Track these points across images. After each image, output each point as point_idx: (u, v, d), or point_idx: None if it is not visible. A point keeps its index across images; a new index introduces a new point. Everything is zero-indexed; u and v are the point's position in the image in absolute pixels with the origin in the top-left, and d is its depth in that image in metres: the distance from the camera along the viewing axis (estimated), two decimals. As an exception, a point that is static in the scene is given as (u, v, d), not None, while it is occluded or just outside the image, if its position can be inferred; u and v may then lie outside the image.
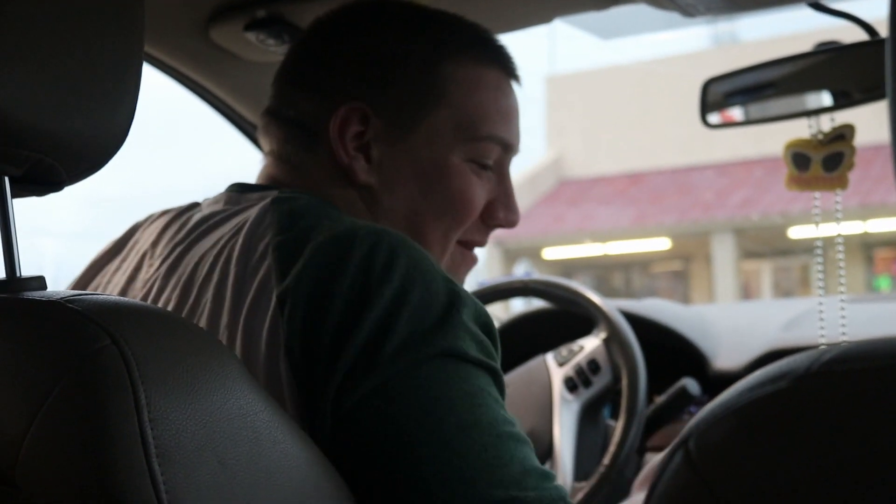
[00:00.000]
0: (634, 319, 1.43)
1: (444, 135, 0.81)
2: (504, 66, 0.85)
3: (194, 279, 0.73)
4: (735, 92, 1.21)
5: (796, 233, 11.15)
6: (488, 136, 0.82)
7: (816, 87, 1.18)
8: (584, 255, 13.11)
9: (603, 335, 1.34)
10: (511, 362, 1.53)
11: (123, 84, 0.58)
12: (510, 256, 12.20)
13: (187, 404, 0.49)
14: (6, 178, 0.55)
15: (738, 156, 11.44)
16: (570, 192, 12.47)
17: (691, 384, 1.33)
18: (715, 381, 1.47)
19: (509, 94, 0.85)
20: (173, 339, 0.53)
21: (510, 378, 1.42)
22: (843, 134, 1.11)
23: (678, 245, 12.20)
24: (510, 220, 0.87)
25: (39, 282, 0.58)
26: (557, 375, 1.34)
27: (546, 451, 1.27)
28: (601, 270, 13.61)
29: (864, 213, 10.24)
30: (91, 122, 0.56)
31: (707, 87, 1.19)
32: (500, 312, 1.80)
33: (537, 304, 1.64)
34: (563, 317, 1.47)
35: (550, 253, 12.65)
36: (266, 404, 0.57)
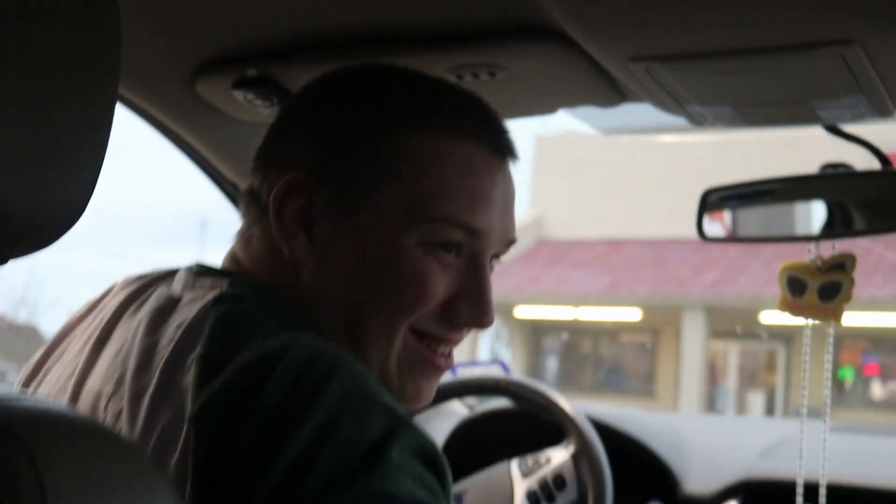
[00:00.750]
0: (605, 429, 1.42)
1: (394, 214, 0.75)
2: (486, 143, 0.78)
3: (123, 379, 0.69)
4: (734, 203, 1.19)
5: (767, 317, 11.36)
6: (443, 216, 0.74)
7: (819, 209, 1.15)
8: (555, 318, 13.53)
9: (572, 449, 1.34)
10: (473, 460, 1.51)
11: (86, 147, 0.51)
12: (480, 312, 12.49)
13: None
14: None
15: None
16: (547, 253, 12.96)
17: None
18: None
19: (482, 173, 0.77)
20: (101, 465, 0.49)
21: (471, 482, 1.40)
22: (844, 263, 1.08)
23: (649, 317, 12.59)
24: (478, 320, 0.79)
25: None
26: (520, 488, 1.33)
27: None
28: (571, 334, 14.07)
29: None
30: (40, 194, 0.49)
31: (706, 196, 1.16)
32: (473, 401, 1.86)
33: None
34: (527, 423, 1.45)
35: (522, 312, 13.05)
36: None
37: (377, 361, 0.77)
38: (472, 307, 0.78)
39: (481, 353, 11.51)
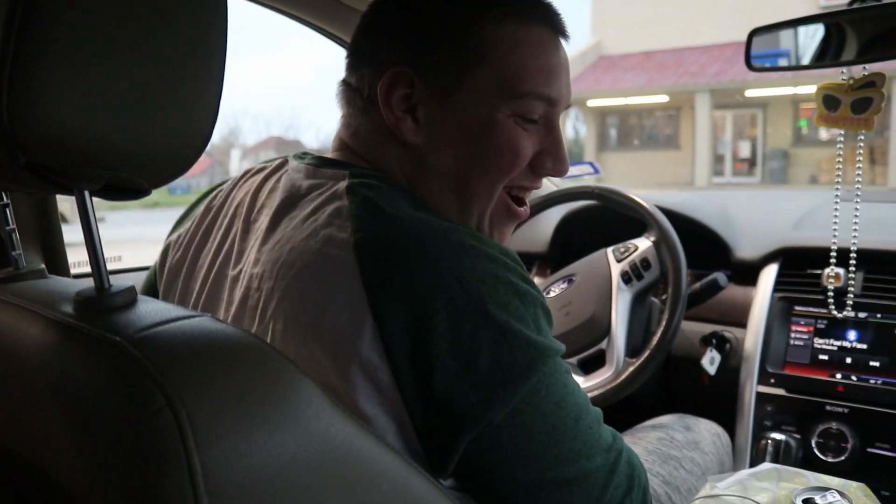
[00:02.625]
0: (673, 215, 1.56)
1: (486, 93, 0.79)
2: (548, 24, 0.83)
3: (272, 271, 0.72)
4: (776, 38, 1.26)
5: (750, 93, 16.58)
6: (529, 93, 0.80)
7: (851, 37, 1.18)
8: (612, 105, 18.66)
9: (653, 238, 1.46)
10: (573, 243, 1.78)
11: (203, 83, 0.52)
12: (566, 104, 18.36)
13: (250, 464, 0.46)
14: (86, 193, 0.52)
15: (716, 40, 16.26)
16: (605, 64, 18.23)
17: (721, 277, 1.47)
18: (736, 268, 1.62)
19: (552, 51, 0.82)
20: (238, 387, 0.48)
21: (578, 265, 1.58)
22: (874, 81, 1.15)
23: (673, 99, 17.64)
24: (558, 170, 0.85)
25: (129, 294, 0.54)
26: (616, 269, 1.47)
27: (605, 330, 1.41)
28: (623, 115, 19.16)
29: (796, 81, 15.69)
30: (167, 129, 0.51)
31: (752, 35, 1.25)
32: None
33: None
34: (615, 213, 1.55)
35: (592, 102, 18.39)
36: (353, 433, 0.54)
37: (477, 216, 0.84)
38: (553, 160, 0.85)
39: (569, 129, 17.35)
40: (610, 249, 1.53)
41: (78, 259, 0.95)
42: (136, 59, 0.49)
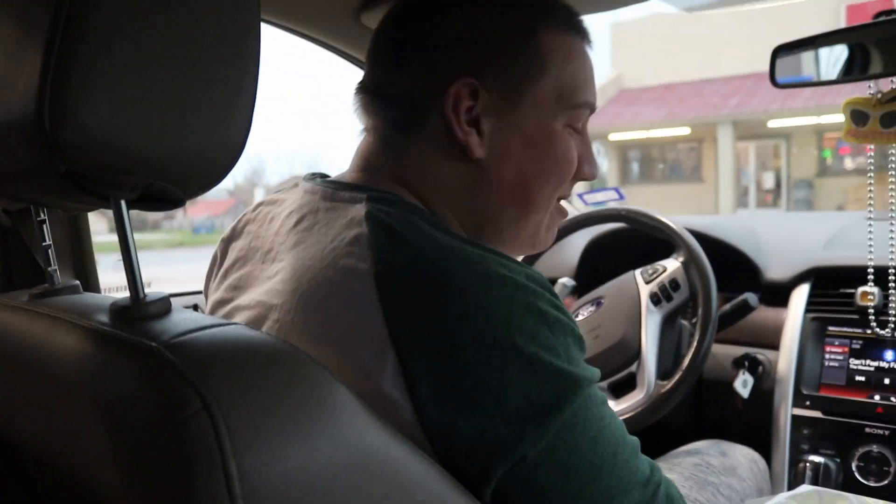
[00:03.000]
0: (701, 237, 1.54)
1: (548, 104, 0.79)
2: (583, 33, 0.84)
3: (297, 294, 0.70)
4: (801, 54, 1.26)
5: (773, 124, 16.86)
6: (584, 102, 0.81)
7: (877, 51, 1.18)
8: (634, 138, 19.02)
9: (682, 258, 1.45)
10: (601, 267, 1.74)
11: (238, 93, 0.53)
12: (587, 139, 18.51)
13: (286, 468, 0.46)
14: (122, 202, 0.52)
15: (737, 72, 16.67)
16: (626, 97, 18.66)
17: (752, 298, 1.47)
18: (767, 289, 1.60)
19: (589, 59, 0.84)
20: (274, 391, 0.48)
21: (607, 288, 1.57)
22: None
23: (695, 131, 18.02)
24: (593, 174, 0.86)
25: (164, 304, 0.54)
26: (644, 291, 1.46)
27: (635, 353, 1.39)
28: (644, 148, 19.60)
29: (819, 110, 15.76)
30: (202, 139, 0.51)
31: (777, 51, 1.25)
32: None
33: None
34: (643, 235, 1.55)
35: (613, 136, 18.89)
36: (388, 441, 0.53)
37: (533, 225, 0.84)
38: (589, 165, 0.86)
39: None
40: (638, 271, 1.52)
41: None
42: (174, 68, 0.49)
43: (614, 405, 1.39)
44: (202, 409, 0.45)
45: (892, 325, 1.39)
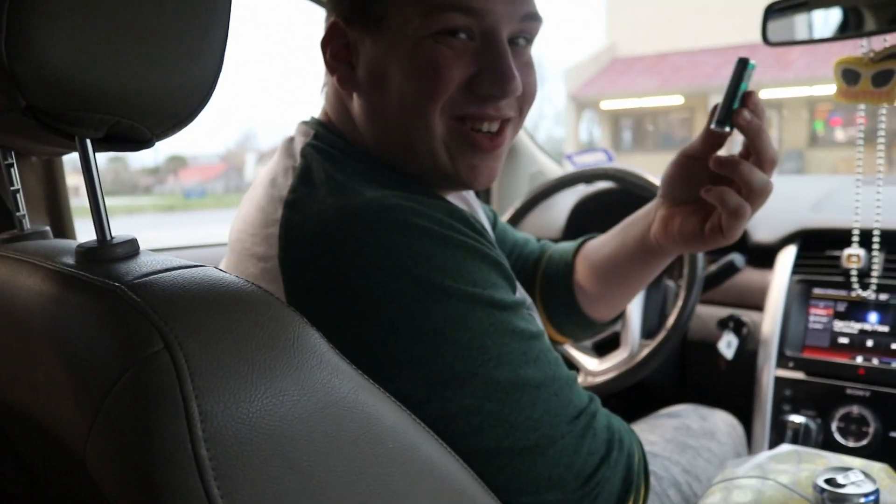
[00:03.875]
0: None
1: (402, 19, 0.76)
2: None
3: (245, 218, 0.80)
4: (792, 12, 1.23)
5: (765, 94, 16.67)
6: (439, 5, 0.75)
7: (871, 11, 1.16)
8: (626, 107, 19.31)
9: None
10: (588, 227, 1.54)
11: (208, 31, 0.51)
12: (579, 107, 18.53)
13: (250, 411, 0.45)
14: (88, 141, 0.51)
15: (730, 42, 16.74)
16: (619, 66, 18.94)
17: (738, 258, 1.45)
18: (753, 251, 1.57)
19: None
20: (239, 333, 0.46)
21: None
22: (895, 53, 1.11)
23: (687, 101, 18.30)
24: (501, 89, 0.77)
25: (131, 246, 0.53)
26: None
27: (619, 313, 1.29)
28: (637, 117, 19.85)
29: (811, 81, 15.82)
30: (170, 77, 0.50)
31: (769, 10, 1.23)
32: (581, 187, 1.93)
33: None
34: (630, 195, 1.48)
35: (606, 105, 19.22)
36: (358, 386, 0.52)
37: (425, 150, 0.80)
38: (492, 78, 0.77)
39: (582, 132, 17.60)
40: None
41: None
42: (140, 2, 0.47)
43: (598, 364, 1.39)
44: (164, 349, 0.44)
45: (875, 287, 1.39)
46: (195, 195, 22.31)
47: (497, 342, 0.68)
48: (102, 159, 0.53)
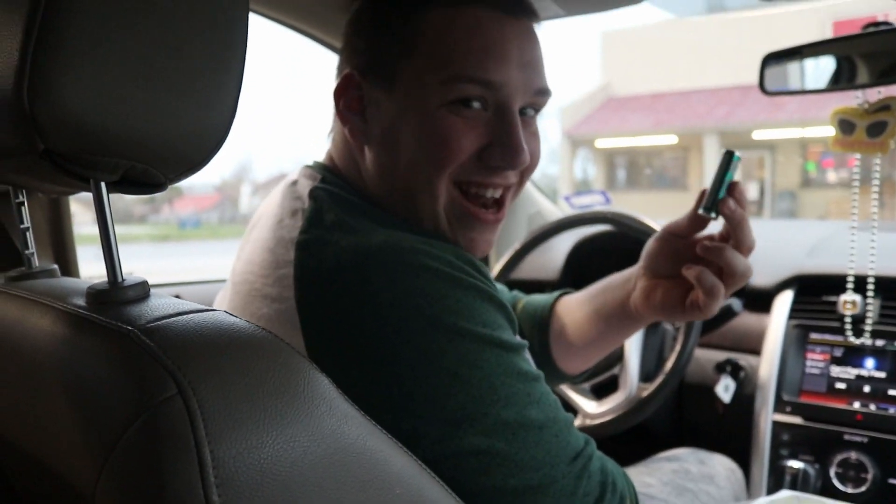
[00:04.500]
0: None
1: (418, 84, 0.77)
2: (492, 4, 0.78)
3: (252, 260, 0.80)
4: (790, 63, 1.26)
5: (757, 135, 17.26)
6: (457, 75, 0.75)
7: (865, 62, 1.18)
8: (621, 146, 19.43)
9: None
10: (586, 270, 1.69)
11: (223, 78, 0.52)
12: (574, 145, 18.68)
13: (262, 458, 0.45)
14: (102, 184, 0.51)
15: (724, 83, 17.05)
16: (613, 105, 19.03)
17: (735, 303, 1.47)
18: (750, 295, 1.58)
19: (490, 30, 0.77)
20: (251, 379, 0.47)
21: None
22: (889, 105, 1.15)
23: (682, 140, 18.45)
24: (510, 161, 0.79)
25: (142, 288, 0.54)
26: None
27: (618, 355, 1.39)
28: (631, 155, 19.98)
29: (804, 122, 15.93)
30: (185, 123, 0.51)
31: (766, 60, 1.26)
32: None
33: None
34: (627, 239, 1.49)
35: (600, 143, 19.30)
36: (366, 432, 0.52)
37: (429, 213, 0.81)
38: (502, 150, 0.78)
39: (577, 170, 17.65)
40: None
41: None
42: (157, 49, 0.48)
43: (596, 406, 1.39)
44: (177, 395, 0.44)
45: (870, 333, 1.40)
46: (190, 225, 22.28)
47: (505, 383, 0.69)
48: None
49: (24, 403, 0.56)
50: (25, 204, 0.70)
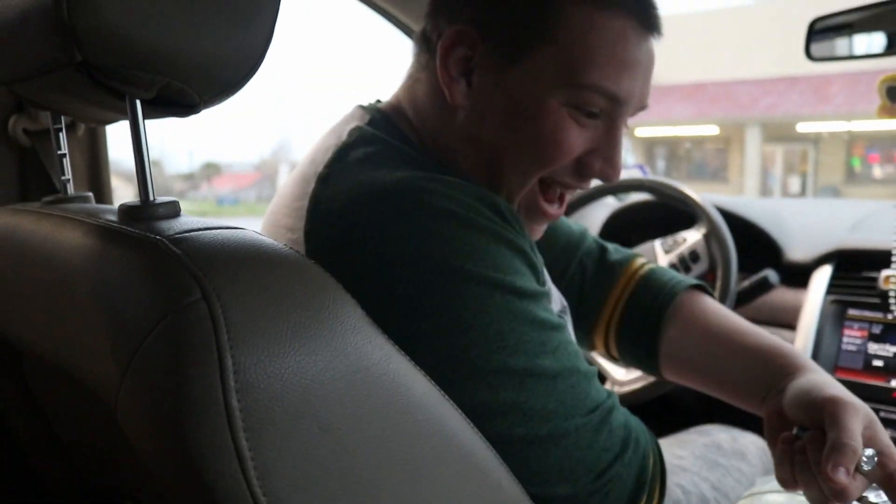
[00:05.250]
0: (724, 214, 1.50)
1: (545, 74, 0.74)
2: (636, 16, 0.75)
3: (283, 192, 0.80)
4: (837, 28, 1.23)
5: (802, 128, 16.94)
6: (591, 85, 0.74)
7: None
8: (662, 135, 19.17)
9: (703, 230, 1.42)
10: (620, 241, 1.56)
11: (260, 1, 0.52)
12: (614, 134, 18.43)
13: (283, 367, 0.45)
14: (137, 101, 0.52)
15: (768, 74, 16.69)
16: (656, 94, 18.19)
17: (772, 275, 1.45)
18: (788, 270, 1.56)
19: (632, 45, 0.75)
20: (276, 290, 0.47)
21: None
22: None
23: (723, 131, 18.17)
24: (607, 174, 0.79)
25: (172, 207, 0.54)
26: (663, 261, 1.44)
27: None
28: (671, 145, 19.85)
29: (850, 116, 15.62)
30: (221, 42, 0.50)
31: (814, 23, 1.24)
32: (612, 199, 1.97)
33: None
34: (662, 209, 1.55)
35: (640, 132, 18.87)
36: (390, 355, 0.52)
37: (504, 195, 0.80)
38: (604, 163, 0.78)
39: None
40: (658, 241, 1.49)
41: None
42: None
43: (625, 375, 1.38)
44: (201, 299, 0.44)
45: (914, 310, 1.36)
46: (228, 202, 22.53)
47: (515, 329, 0.67)
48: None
49: (54, 317, 0.57)
50: (63, 130, 0.70)
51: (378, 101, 0.88)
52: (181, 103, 0.54)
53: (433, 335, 0.65)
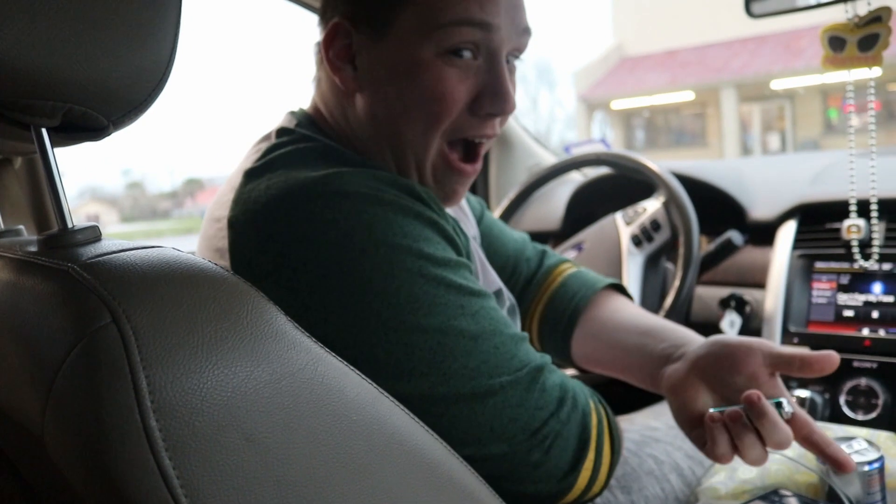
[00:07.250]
0: (685, 179, 1.53)
1: (412, 31, 0.76)
2: None
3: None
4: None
5: (776, 84, 16.74)
6: (452, 20, 0.75)
7: None
8: (637, 106, 19.15)
9: (662, 198, 1.43)
10: (588, 216, 1.70)
11: (159, 16, 0.50)
12: (590, 108, 18.48)
13: (201, 382, 0.44)
14: (43, 130, 0.51)
15: (738, 34, 16.66)
16: (627, 65, 18.76)
17: (735, 236, 1.47)
18: (753, 229, 1.56)
19: None
20: (189, 305, 0.46)
21: (587, 233, 1.54)
22: (880, 16, 1.11)
23: (699, 97, 18.00)
24: (500, 109, 0.80)
25: (92, 232, 0.53)
26: (625, 233, 1.44)
27: None
28: (648, 114, 19.74)
29: (823, 68, 15.66)
30: (119, 62, 0.49)
31: None
32: (578, 176, 1.99)
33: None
34: (626, 181, 1.55)
35: (616, 104, 18.99)
36: (318, 358, 0.52)
37: (415, 166, 0.83)
38: (493, 98, 0.79)
39: (595, 133, 17.55)
40: (619, 214, 1.50)
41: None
42: None
43: None
44: (111, 323, 0.43)
45: (878, 257, 1.36)
46: (213, 218, 22.38)
47: (428, 292, 0.69)
48: (120, 187, 0.53)
49: None
50: None
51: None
52: (89, 127, 0.53)
53: (344, 301, 0.67)
